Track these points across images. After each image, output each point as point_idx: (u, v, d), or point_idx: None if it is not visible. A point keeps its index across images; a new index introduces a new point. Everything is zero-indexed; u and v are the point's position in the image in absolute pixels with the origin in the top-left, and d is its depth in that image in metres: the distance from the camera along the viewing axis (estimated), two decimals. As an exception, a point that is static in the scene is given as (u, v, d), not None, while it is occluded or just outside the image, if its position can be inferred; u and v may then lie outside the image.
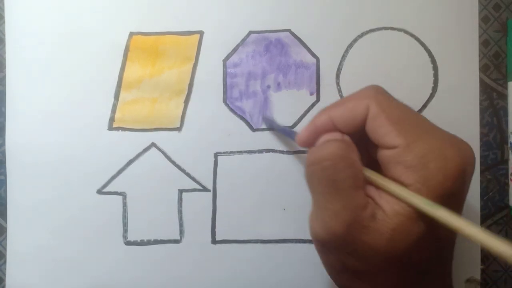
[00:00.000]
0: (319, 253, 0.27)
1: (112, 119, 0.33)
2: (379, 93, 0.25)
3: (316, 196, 0.25)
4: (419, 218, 0.23)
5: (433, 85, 0.33)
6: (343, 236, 0.23)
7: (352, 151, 0.24)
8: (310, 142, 0.27)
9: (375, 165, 0.25)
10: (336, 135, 0.26)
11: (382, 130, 0.24)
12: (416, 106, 0.33)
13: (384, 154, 0.24)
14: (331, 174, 0.24)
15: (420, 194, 0.22)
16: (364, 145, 0.26)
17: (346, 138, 0.25)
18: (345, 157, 0.24)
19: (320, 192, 0.24)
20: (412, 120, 0.24)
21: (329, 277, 0.27)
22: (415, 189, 0.23)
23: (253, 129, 0.33)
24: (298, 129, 0.33)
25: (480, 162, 0.33)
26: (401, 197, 0.23)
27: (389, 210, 0.23)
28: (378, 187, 0.24)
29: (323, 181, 0.24)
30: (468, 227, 0.21)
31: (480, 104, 0.33)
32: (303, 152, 0.33)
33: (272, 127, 0.33)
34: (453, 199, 0.23)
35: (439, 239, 0.24)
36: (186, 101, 0.34)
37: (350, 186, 0.23)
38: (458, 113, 0.33)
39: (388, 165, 0.24)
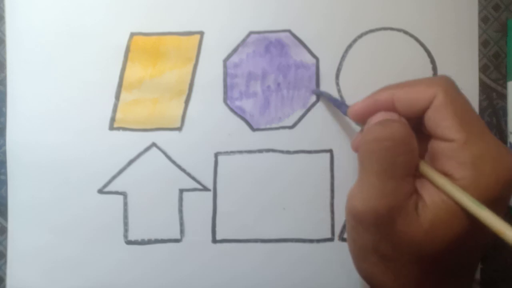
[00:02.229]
0: (351, 230, 0.26)
1: (113, 119, 0.34)
2: (448, 83, 0.25)
3: (367, 173, 0.24)
4: (459, 216, 0.23)
5: (432, 85, 0.33)
6: (382, 217, 0.23)
7: (412, 136, 0.24)
8: (364, 116, 0.26)
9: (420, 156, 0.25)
10: (394, 116, 0.25)
11: (444, 122, 0.24)
12: (415, 106, 0.33)
13: (438, 146, 0.24)
14: (390, 155, 0.23)
15: (467, 192, 0.22)
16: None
17: (404, 121, 0.25)
18: (407, 141, 0.24)
19: (373, 170, 0.24)
20: (473, 118, 0.24)
21: (328, 276, 0.27)
22: (462, 185, 0.22)
23: (253, 129, 0.34)
24: (299, 129, 0.34)
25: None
26: (447, 190, 0.23)
27: (430, 201, 0.23)
28: (422, 177, 0.24)
29: (380, 161, 0.23)
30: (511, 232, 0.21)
31: (480, 104, 0.33)
32: (303, 152, 0.34)
33: (323, 96, 0.33)
34: (498, 203, 0.23)
35: (474, 242, 0.24)
36: (187, 101, 0.34)
37: (404, 171, 0.23)
38: (458, 113, 0.33)
39: (440, 157, 0.24)
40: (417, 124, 0.25)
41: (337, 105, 0.31)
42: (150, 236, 0.34)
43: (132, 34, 0.33)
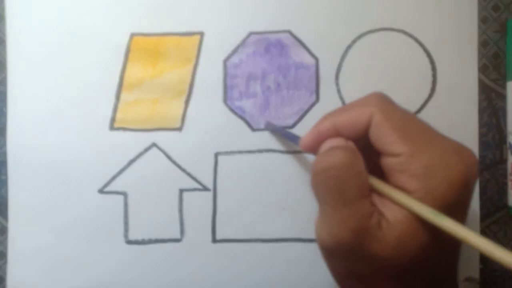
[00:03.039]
0: (325, 259, 0.27)
1: (113, 119, 0.34)
2: (382, 101, 0.25)
3: (323, 204, 0.24)
4: (423, 227, 0.23)
5: (431, 85, 0.33)
6: (349, 244, 0.23)
7: (357, 159, 0.24)
8: (313, 147, 0.27)
9: (379, 172, 0.25)
10: (340, 141, 0.26)
11: (386, 138, 0.24)
12: (414, 107, 0.33)
13: (387, 162, 0.24)
14: (337, 183, 0.24)
15: (424, 203, 0.22)
16: (367, 152, 0.26)
17: (350, 144, 0.25)
18: (351, 166, 0.24)
19: (327, 200, 0.24)
20: (416, 128, 0.25)
21: (328, 275, 0.28)
22: (419, 197, 0.23)
23: (253, 129, 0.34)
24: (299, 129, 0.34)
25: (479, 162, 0.34)
26: (406, 205, 0.23)
27: (392, 218, 0.23)
28: (382, 195, 0.24)
29: (330, 190, 0.24)
30: (473, 237, 0.21)
31: (479, 104, 0.33)
32: (303, 151, 0.34)
33: (276, 131, 0.33)
34: (457, 206, 0.23)
35: (445, 247, 0.24)
36: (187, 102, 0.34)
37: (357, 194, 0.23)
38: (457, 113, 0.33)
39: (392, 172, 0.24)
40: (369, 143, 0.25)
41: (290, 138, 0.31)
42: (150, 236, 0.34)
43: (132, 35, 0.34)
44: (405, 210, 0.23)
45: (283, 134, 0.33)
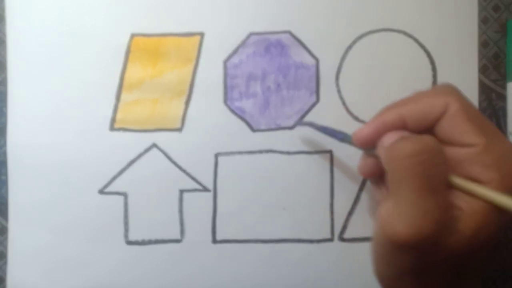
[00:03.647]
0: (386, 254, 0.24)
1: (113, 120, 0.34)
2: (458, 91, 0.25)
3: (404, 192, 0.23)
4: (497, 218, 0.23)
5: (431, 85, 0.33)
6: (431, 236, 0.22)
7: (441, 147, 0.24)
8: (374, 140, 0.26)
9: None
10: (405, 134, 0.25)
11: (461, 128, 0.24)
12: (415, 107, 0.33)
13: (457, 152, 0.24)
14: (427, 168, 0.23)
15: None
16: None
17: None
18: (440, 152, 0.24)
19: (412, 187, 0.22)
20: (486, 121, 0.25)
21: (328, 276, 0.27)
22: (494, 188, 0.23)
23: (253, 130, 0.34)
24: (299, 129, 0.34)
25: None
26: (487, 197, 0.23)
27: (469, 209, 0.23)
28: (456, 188, 0.24)
29: (418, 176, 0.22)
30: None
31: (479, 104, 0.33)
32: (303, 152, 0.34)
33: (314, 127, 0.33)
34: None
35: (495, 240, 0.24)
36: (187, 102, 0.34)
37: (443, 183, 0.23)
38: (457, 113, 0.33)
39: (461, 163, 0.24)
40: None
41: (329, 133, 0.30)
42: (150, 236, 0.34)
43: (133, 35, 0.34)
44: (481, 201, 0.23)
45: (320, 129, 0.32)
